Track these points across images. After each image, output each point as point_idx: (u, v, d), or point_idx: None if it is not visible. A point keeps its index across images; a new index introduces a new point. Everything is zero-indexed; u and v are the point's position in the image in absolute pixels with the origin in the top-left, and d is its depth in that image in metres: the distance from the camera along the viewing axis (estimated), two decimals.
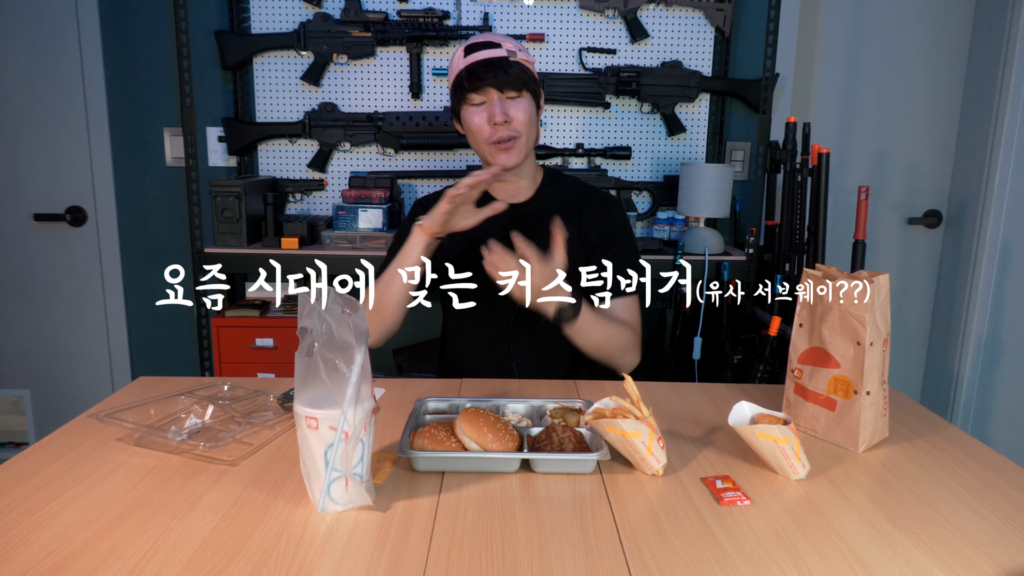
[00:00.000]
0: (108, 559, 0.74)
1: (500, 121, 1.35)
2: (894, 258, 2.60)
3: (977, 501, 0.90)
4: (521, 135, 1.38)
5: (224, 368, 2.19)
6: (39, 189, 2.41)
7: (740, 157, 2.46)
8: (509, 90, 1.35)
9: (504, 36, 1.40)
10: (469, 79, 1.35)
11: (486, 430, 0.96)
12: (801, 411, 1.12)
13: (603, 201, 1.52)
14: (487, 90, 1.35)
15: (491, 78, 1.33)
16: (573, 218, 1.48)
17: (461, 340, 1.55)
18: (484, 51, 1.35)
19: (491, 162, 1.42)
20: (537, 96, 1.41)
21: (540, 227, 1.47)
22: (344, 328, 0.81)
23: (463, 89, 1.36)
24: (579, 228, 1.49)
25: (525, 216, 1.48)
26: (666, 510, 0.86)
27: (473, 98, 1.36)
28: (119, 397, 1.19)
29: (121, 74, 2.35)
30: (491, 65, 1.33)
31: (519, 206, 1.48)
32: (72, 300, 2.48)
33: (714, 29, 2.32)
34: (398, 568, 0.73)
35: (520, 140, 1.38)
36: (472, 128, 1.39)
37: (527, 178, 1.48)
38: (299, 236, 2.15)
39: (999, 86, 2.32)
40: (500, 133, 1.36)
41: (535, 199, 1.49)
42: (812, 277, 1.09)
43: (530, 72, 1.39)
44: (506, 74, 1.34)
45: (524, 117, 1.37)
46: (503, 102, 1.36)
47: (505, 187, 1.48)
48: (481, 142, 1.39)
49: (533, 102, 1.40)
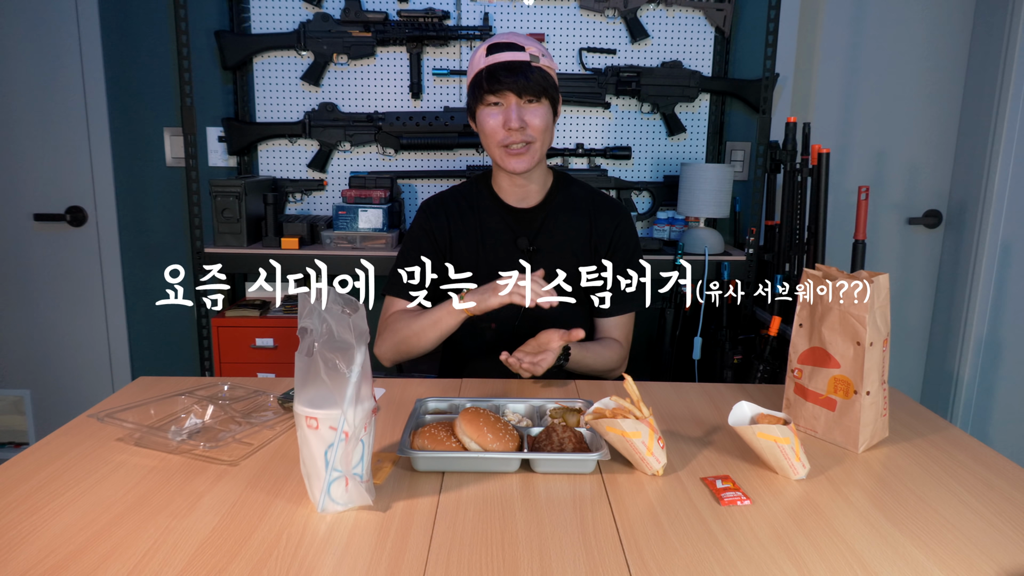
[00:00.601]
0: (108, 559, 0.74)
1: (516, 127, 1.34)
2: (894, 258, 2.60)
3: (977, 501, 0.90)
4: (536, 141, 1.38)
5: (224, 368, 2.19)
6: (39, 189, 2.41)
7: (740, 157, 2.46)
8: (528, 95, 1.34)
9: (528, 38, 1.38)
10: (489, 80, 1.33)
11: (486, 430, 0.96)
12: (801, 411, 1.12)
13: (614, 210, 1.51)
14: (506, 93, 1.34)
15: (511, 82, 1.32)
16: (582, 222, 1.48)
17: (463, 342, 1.54)
18: (506, 53, 1.34)
19: (500, 165, 1.41)
20: (555, 103, 1.41)
21: (548, 231, 1.47)
22: (344, 328, 0.81)
23: (481, 89, 1.35)
24: (588, 233, 1.49)
25: (534, 221, 1.48)
26: (666, 510, 0.86)
27: (490, 99, 1.35)
28: (119, 397, 1.19)
29: (121, 74, 2.35)
30: (512, 69, 1.32)
31: (528, 211, 1.48)
32: (72, 300, 2.48)
33: (714, 29, 2.32)
34: (398, 568, 0.73)
35: (533, 146, 1.38)
36: (486, 129, 1.38)
37: (537, 183, 1.48)
38: (299, 236, 2.15)
39: (999, 86, 2.32)
40: (514, 137, 1.36)
41: (544, 203, 1.48)
42: (812, 277, 1.09)
43: (551, 79, 1.38)
44: (526, 79, 1.33)
45: (540, 124, 1.37)
46: (520, 107, 1.35)
47: (515, 191, 1.47)
48: (493, 144, 1.39)
49: (551, 109, 1.39)
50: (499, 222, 1.48)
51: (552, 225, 1.48)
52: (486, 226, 1.48)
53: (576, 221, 1.48)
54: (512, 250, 1.47)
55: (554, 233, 1.48)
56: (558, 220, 1.48)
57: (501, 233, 1.48)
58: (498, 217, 1.48)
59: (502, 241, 1.48)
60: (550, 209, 1.48)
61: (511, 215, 1.48)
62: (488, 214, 1.49)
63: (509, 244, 1.48)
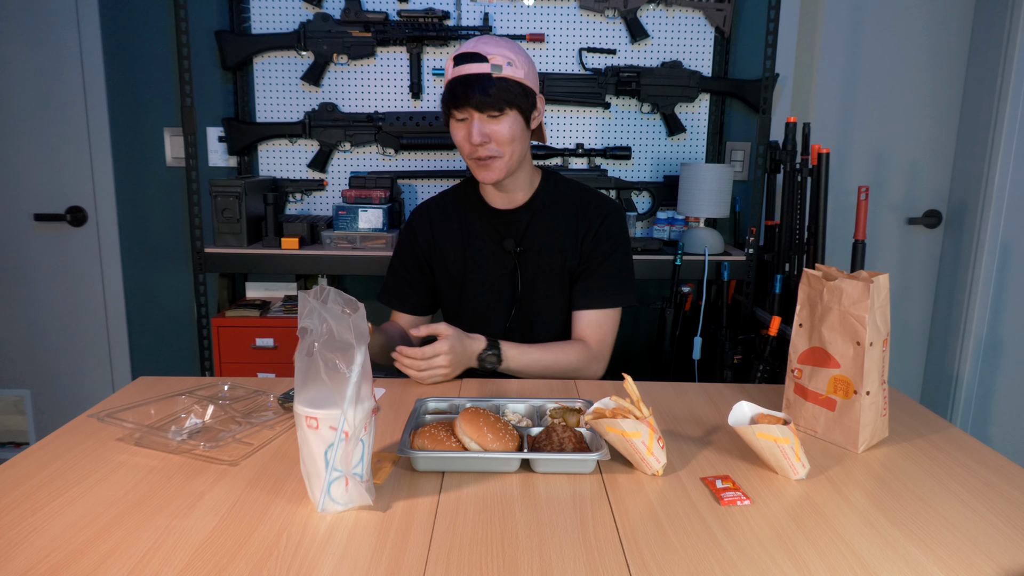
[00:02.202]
0: (108, 559, 0.74)
1: (478, 142, 1.32)
2: (894, 258, 2.60)
3: (977, 501, 0.90)
4: (503, 155, 1.35)
5: (224, 368, 2.19)
6: (39, 189, 2.41)
7: (740, 157, 2.46)
8: (489, 110, 1.31)
9: (497, 43, 1.33)
10: (450, 95, 1.33)
11: (486, 430, 0.96)
12: (801, 411, 1.12)
13: (602, 206, 1.47)
14: (467, 109, 1.32)
15: (469, 97, 1.30)
16: (569, 221, 1.47)
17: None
18: (469, 65, 1.31)
19: (474, 175, 1.40)
20: (527, 109, 1.36)
21: (533, 231, 1.47)
22: (344, 328, 0.81)
23: (447, 102, 1.35)
24: (575, 228, 1.46)
25: (520, 222, 1.47)
26: (666, 510, 0.86)
27: (456, 113, 1.34)
28: (119, 397, 1.19)
29: (121, 74, 2.35)
30: (470, 83, 1.29)
31: (514, 212, 1.47)
32: (72, 300, 2.48)
33: (714, 29, 2.32)
34: (398, 568, 0.73)
35: (501, 159, 1.35)
36: (456, 141, 1.38)
37: (521, 186, 1.46)
38: (299, 236, 2.15)
39: (999, 86, 2.32)
40: (479, 152, 1.34)
41: (530, 204, 1.47)
42: (812, 277, 1.09)
43: (516, 87, 1.32)
44: (485, 94, 1.29)
45: (507, 135, 1.33)
46: (482, 122, 1.32)
47: (499, 196, 1.47)
48: (464, 156, 1.38)
49: (520, 117, 1.35)
50: (485, 224, 1.48)
51: (539, 225, 1.46)
52: (472, 228, 1.49)
53: (563, 220, 1.46)
54: (499, 252, 1.47)
55: (541, 233, 1.46)
56: (545, 220, 1.47)
57: (487, 235, 1.48)
58: (484, 219, 1.48)
59: (488, 243, 1.48)
60: (536, 209, 1.47)
61: (496, 217, 1.47)
62: (474, 217, 1.49)
63: (495, 246, 1.47)
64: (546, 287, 1.47)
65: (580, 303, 1.46)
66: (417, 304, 1.55)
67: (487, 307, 1.50)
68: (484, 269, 1.48)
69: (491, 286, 1.49)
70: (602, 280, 1.45)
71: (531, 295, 1.47)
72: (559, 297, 1.48)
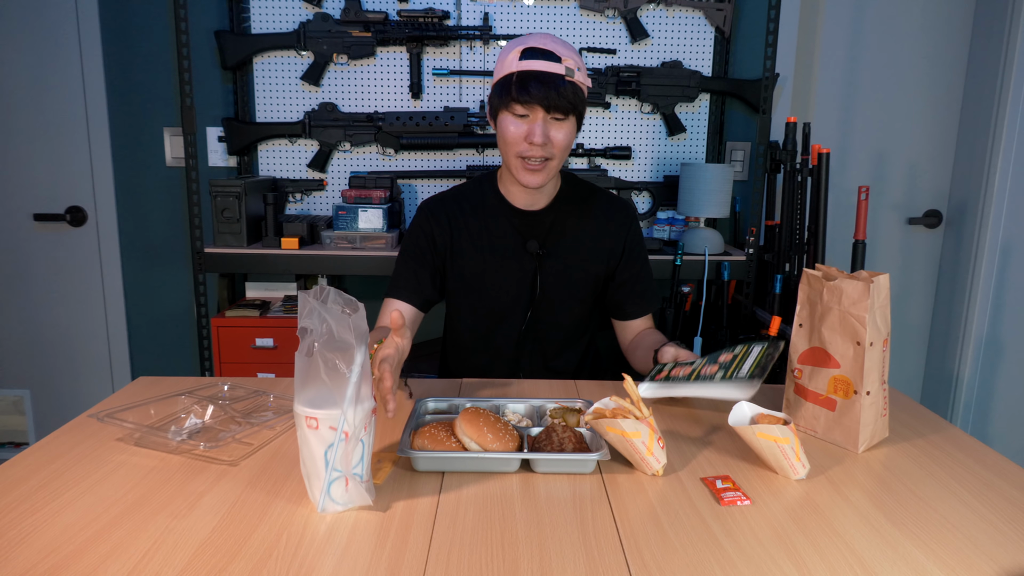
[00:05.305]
0: (108, 559, 0.74)
1: (539, 142, 1.28)
2: (894, 258, 2.60)
3: (977, 501, 0.90)
4: (555, 158, 1.32)
5: (224, 368, 2.19)
6: (39, 189, 2.41)
7: (740, 157, 2.46)
8: (556, 112, 1.27)
9: (565, 46, 1.29)
10: (519, 89, 1.25)
11: (486, 430, 0.96)
12: (801, 411, 1.12)
13: (624, 211, 1.49)
14: (534, 106, 1.27)
15: (541, 95, 1.25)
16: (592, 224, 1.46)
17: (467, 347, 1.53)
18: (541, 62, 1.25)
19: (514, 176, 1.35)
20: (582, 119, 1.34)
21: (558, 234, 1.45)
22: (344, 328, 0.81)
23: (509, 95, 1.27)
24: (600, 235, 1.46)
25: (543, 224, 1.44)
26: (666, 510, 0.86)
27: (517, 108, 1.28)
28: (119, 397, 1.19)
29: (121, 74, 2.35)
30: (545, 81, 1.24)
31: (537, 213, 1.44)
32: (72, 300, 2.48)
33: (714, 29, 2.32)
34: (398, 568, 0.73)
35: (552, 163, 1.33)
36: (507, 136, 1.31)
37: (546, 192, 1.44)
38: (299, 236, 2.15)
39: (999, 86, 2.32)
40: (534, 152, 1.30)
41: (553, 206, 1.45)
42: (812, 277, 1.09)
43: (582, 94, 1.30)
44: (558, 95, 1.25)
45: (564, 140, 1.31)
46: (547, 123, 1.28)
47: (523, 197, 1.43)
48: (511, 152, 1.32)
49: (576, 125, 1.33)
50: (506, 225, 1.43)
51: (562, 228, 1.44)
52: (493, 230, 1.43)
53: (586, 223, 1.45)
54: (520, 253, 1.43)
55: (564, 236, 1.44)
56: (568, 222, 1.45)
57: (509, 236, 1.43)
58: (505, 220, 1.43)
59: (510, 245, 1.43)
60: (559, 212, 1.44)
61: (519, 218, 1.43)
62: (494, 217, 1.44)
63: (518, 248, 1.43)
64: (564, 290, 1.45)
65: (633, 311, 1.50)
66: (427, 300, 1.46)
67: (505, 309, 1.46)
68: (505, 270, 1.44)
69: (510, 288, 1.45)
70: (646, 284, 1.51)
71: (548, 297, 1.45)
72: (576, 300, 1.47)
